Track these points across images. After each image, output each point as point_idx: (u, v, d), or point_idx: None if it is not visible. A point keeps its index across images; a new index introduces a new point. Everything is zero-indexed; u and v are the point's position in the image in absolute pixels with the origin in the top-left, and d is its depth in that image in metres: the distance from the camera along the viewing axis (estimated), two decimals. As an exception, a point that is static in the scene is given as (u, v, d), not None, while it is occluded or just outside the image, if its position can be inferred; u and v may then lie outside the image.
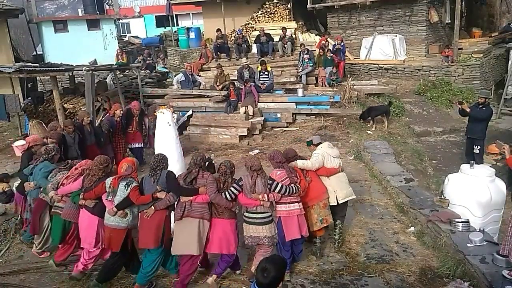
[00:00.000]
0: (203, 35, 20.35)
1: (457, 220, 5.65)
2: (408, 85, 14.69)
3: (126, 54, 18.21)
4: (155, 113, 8.17)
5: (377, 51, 15.89)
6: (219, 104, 12.20)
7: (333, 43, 14.70)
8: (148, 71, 15.34)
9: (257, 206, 4.87)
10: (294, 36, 15.72)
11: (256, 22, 18.64)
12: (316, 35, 16.83)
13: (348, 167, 8.37)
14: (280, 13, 18.49)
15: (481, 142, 9.28)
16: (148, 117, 9.45)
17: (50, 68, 10.12)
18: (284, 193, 4.94)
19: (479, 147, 9.22)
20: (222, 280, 5.17)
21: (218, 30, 15.96)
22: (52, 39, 20.58)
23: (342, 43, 14.46)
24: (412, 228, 6.23)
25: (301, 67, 13.72)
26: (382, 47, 15.78)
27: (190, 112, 12.25)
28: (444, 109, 13.45)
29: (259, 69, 12.73)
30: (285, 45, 14.59)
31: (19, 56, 18.22)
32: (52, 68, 10.10)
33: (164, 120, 7.51)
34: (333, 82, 13.12)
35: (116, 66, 12.99)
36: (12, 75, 10.66)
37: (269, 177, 5.00)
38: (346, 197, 5.70)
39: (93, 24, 21.44)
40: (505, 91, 14.03)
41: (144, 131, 9.35)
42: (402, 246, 5.85)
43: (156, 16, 30.13)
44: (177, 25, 26.99)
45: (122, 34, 27.77)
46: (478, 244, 5.13)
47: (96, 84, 11.55)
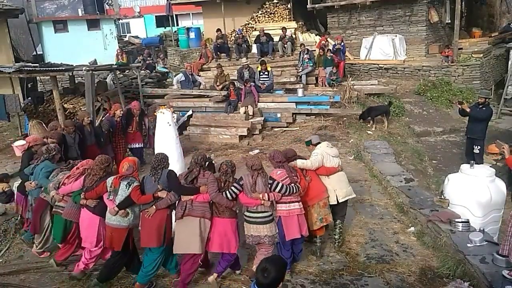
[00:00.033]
0: (203, 35, 20.35)
1: (457, 220, 5.65)
2: (408, 85, 14.69)
3: (126, 54, 18.21)
4: (155, 113, 8.17)
5: (377, 51, 15.89)
6: (219, 104, 12.20)
7: (333, 43, 14.71)
8: (148, 71, 15.34)
9: (258, 206, 4.88)
10: (294, 36, 15.72)
11: (256, 22, 18.64)
12: (316, 35, 16.83)
13: (348, 167, 8.37)
14: (280, 13, 18.49)
15: (481, 142, 9.28)
16: (148, 117, 9.45)
17: (50, 68, 10.11)
18: (285, 193, 4.95)
19: (479, 147, 9.23)
20: (222, 280, 5.17)
21: (218, 30, 15.96)
22: (52, 39, 20.59)
23: (342, 43, 14.47)
24: (412, 228, 6.23)
25: (301, 67, 13.72)
26: (382, 47, 15.79)
27: (190, 112, 12.25)
28: (444, 109, 13.45)
29: (259, 69, 12.73)
30: (285, 45, 14.59)
31: (19, 56, 18.21)
32: (52, 68, 10.09)
33: (164, 120, 7.51)
34: (333, 82, 13.12)
35: (116, 66, 12.98)
36: (12, 75, 10.65)
37: (270, 177, 5.01)
38: (346, 196, 5.71)
39: (93, 24, 21.44)
40: (505, 91, 14.04)
41: (144, 131, 9.35)
42: (402, 246, 5.85)
43: (156, 16, 30.13)
44: (177, 25, 26.99)
45: (122, 34, 27.76)
46: (478, 244, 5.13)
47: (96, 84, 11.54)
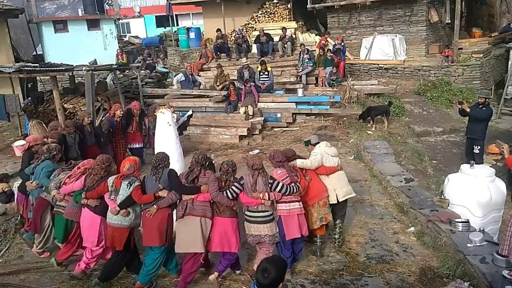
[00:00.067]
0: (203, 35, 20.34)
1: (457, 220, 5.65)
2: (408, 85, 14.69)
3: (126, 54, 18.22)
4: (155, 113, 8.17)
5: (377, 51, 15.89)
6: (219, 104, 12.20)
7: (333, 43, 14.72)
8: (148, 71, 15.34)
9: (258, 205, 4.89)
10: (294, 36, 15.71)
11: (256, 22, 18.63)
12: (316, 35, 16.83)
13: (348, 167, 8.37)
14: (280, 13, 18.49)
15: (481, 142, 9.27)
16: (148, 117, 9.45)
17: (50, 68, 10.10)
18: (285, 192, 4.96)
19: (479, 147, 9.22)
20: (222, 280, 5.17)
21: (218, 30, 15.96)
22: (52, 39, 20.59)
23: (343, 43, 14.47)
24: (412, 228, 6.23)
25: (301, 67, 13.72)
26: (382, 47, 15.79)
27: (190, 112, 12.25)
28: (444, 109, 13.45)
29: (259, 69, 12.73)
30: (285, 45, 14.59)
31: (19, 56, 18.21)
32: (52, 68, 10.09)
33: (164, 120, 7.51)
34: (333, 82, 13.12)
35: (116, 66, 12.98)
36: (12, 75, 10.65)
37: (270, 176, 5.01)
38: (346, 195, 5.71)
39: (93, 24, 21.45)
40: (505, 91, 14.04)
41: (144, 131, 9.35)
42: (402, 246, 5.85)
43: (156, 16, 30.13)
44: (177, 25, 26.98)
45: (122, 34, 27.76)
46: (478, 244, 5.13)
47: (96, 84, 11.54)
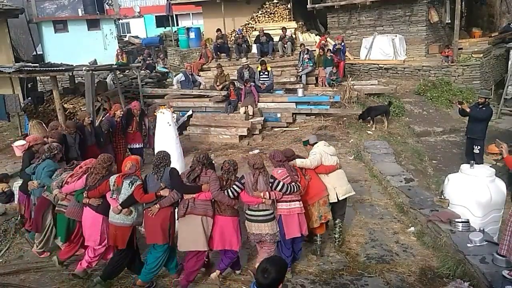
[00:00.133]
0: (203, 35, 20.35)
1: (457, 220, 5.66)
2: (408, 85, 14.69)
3: (126, 54, 18.22)
4: (155, 113, 8.16)
5: (377, 51, 15.89)
6: (219, 104, 12.20)
7: (333, 43, 14.71)
8: (148, 71, 15.34)
9: (259, 204, 4.90)
10: (294, 36, 15.71)
11: (256, 22, 18.64)
12: (316, 35, 16.83)
13: (348, 167, 8.37)
14: (280, 13, 18.49)
15: (481, 142, 9.27)
16: (148, 117, 9.44)
17: (50, 68, 10.10)
18: (285, 192, 4.97)
19: (479, 147, 9.22)
20: (222, 280, 5.17)
21: (218, 30, 15.96)
22: (52, 39, 20.58)
23: (343, 43, 14.47)
24: (412, 228, 6.23)
25: (301, 67, 13.72)
26: (382, 47, 15.78)
27: (190, 112, 12.25)
28: (444, 109, 13.45)
29: (259, 69, 12.73)
30: (285, 45, 14.58)
31: (19, 56, 18.21)
32: (52, 68, 10.08)
33: (164, 120, 7.51)
34: (333, 82, 13.12)
35: (116, 66, 12.98)
36: (12, 75, 10.65)
37: (271, 176, 5.03)
38: (346, 194, 5.72)
39: (93, 24, 21.44)
40: (505, 91, 14.04)
41: (144, 131, 9.34)
42: (402, 246, 5.85)
43: (156, 16, 30.13)
44: (177, 25, 26.98)
45: (122, 34, 27.76)
46: (478, 244, 5.13)
47: (96, 84, 11.54)
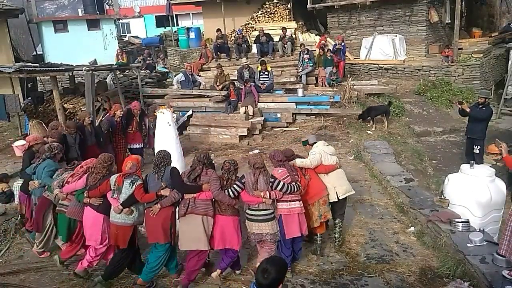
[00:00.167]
0: (203, 35, 20.35)
1: (457, 220, 5.65)
2: (408, 85, 14.69)
3: (126, 54, 18.21)
4: (155, 113, 8.18)
5: (377, 51, 15.89)
6: (219, 104, 12.20)
7: (333, 43, 14.71)
8: (148, 71, 15.33)
9: (259, 204, 4.91)
10: (294, 36, 15.71)
11: (256, 22, 18.64)
12: (316, 35, 16.83)
13: (348, 167, 8.37)
14: (280, 13, 18.49)
15: (481, 142, 9.27)
16: (148, 117, 9.45)
17: (50, 68, 10.10)
18: (286, 191, 4.97)
19: (479, 147, 9.22)
20: (223, 280, 5.16)
21: (218, 30, 15.96)
22: (52, 39, 20.59)
23: (343, 43, 14.47)
24: (412, 228, 6.23)
25: (301, 67, 13.72)
26: (382, 47, 15.79)
27: (190, 112, 12.25)
28: (444, 109, 13.45)
29: (259, 69, 12.72)
30: (285, 45, 14.58)
31: (19, 56, 18.21)
32: (52, 68, 10.08)
33: (164, 120, 7.52)
34: (333, 82, 13.12)
35: (116, 66, 12.97)
36: (12, 75, 10.64)
37: (271, 175, 5.03)
38: (346, 193, 5.72)
39: (93, 24, 21.45)
40: (505, 91, 14.04)
41: (144, 131, 9.35)
42: (402, 246, 5.85)
43: (156, 16, 30.12)
44: (177, 25, 26.98)
45: (122, 34, 27.75)
46: (478, 244, 5.13)
47: (96, 84, 11.53)
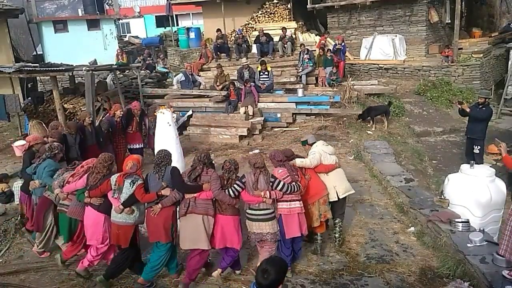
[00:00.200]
0: (203, 35, 20.35)
1: (457, 220, 5.65)
2: (408, 85, 14.70)
3: (126, 54, 18.22)
4: (155, 113, 8.17)
5: (377, 51, 15.90)
6: (219, 104, 12.19)
7: (333, 43, 14.71)
8: (148, 71, 15.33)
9: (260, 203, 4.91)
10: (294, 36, 15.71)
11: (256, 22, 18.64)
12: (316, 35, 16.83)
13: (348, 167, 8.37)
14: (280, 13, 18.49)
15: (481, 142, 9.27)
16: (148, 117, 9.45)
17: (50, 68, 10.09)
18: (286, 191, 4.98)
19: (479, 147, 9.22)
20: (223, 280, 5.16)
21: (218, 30, 15.96)
22: (52, 39, 20.59)
23: (343, 43, 14.47)
24: (412, 228, 6.23)
25: (301, 67, 13.71)
26: (382, 47, 15.79)
27: (190, 112, 12.24)
28: (444, 109, 13.45)
29: (259, 69, 12.72)
30: (285, 45, 14.58)
31: (19, 56, 18.20)
32: (52, 68, 10.08)
33: (164, 120, 7.52)
34: (333, 82, 13.12)
35: (116, 66, 12.96)
36: (12, 75, 10.63)
37: (272, 175, 5.04)
38: (346, 192, 5.72)
39: (93, 24, 21.45)
40: (505, 91, 14.05)
41: (144, 131, 9.34)
42: (402, 246, 5.85)
43: (156, 16, 30.12)
44: (177, 25, 26.98)
45: (122, 34, 27.75)
46: (478, 244, 5.13)
47: (96, 84, 11.53)
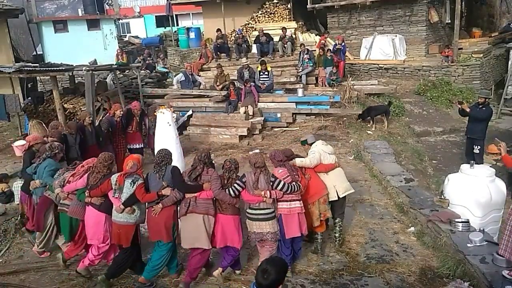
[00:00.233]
0: (203, 35, 20.35)
1: (457, 220, 5.66)
2: (408, 85, 14.70)
3: (126, 54, 18.22)
4: (155, 113, 8.17)
5: (377, 51, 15.90)
6: (219, 104, 12.19)
7: (333, 43, 14.72)
8: (148, 71, 15.33)
9: (260, 203, 4.92)
10: (294, 36, 15.71)
11: (256, 22, 18.64)
12: (316, 35, 16.83)
13: (348, 167, 8.37)
14: (280, 13, 18.49)
15: (481, 142, 9.27)
16: (148, 117, 9.45)
17: (50, 68, 10.09)
18: (286, 191, 4.98)
19: (479, 147, 9.22)
20: (223, 280, 5.16)
21: (218, 30, 15.96)
22: (52, 39, 20.59)
23: (343, 43, 14.47)
24: (412, 228, 6.23)
25: (301, 67, 13.72)
26: (382, 47, 15.79)
27: (190, 112, 12.25)
28: (444, 109, 13.45)
29: (259, 69, 12.72)
30: (285, 45, 14.58)
31: (19, 56, 18.20)
32: (52, 68, 10.08)
33: (164, 120, 7.52)
34: (333, 82, 13.12)
35: (116, 66, 12.96)
36: (12, 75, 10.63)
37: (272, 175, 5.04)
38: (346, 191, 5.73)
39: (93, 24, 21.45)
40: (505, 91, 14.05)
41: (144, 131, 9.35)
42: (402, 246, 5.85)
43: (156, 16, 30.12)
44: (177, 25, 26.98)
45: (122, 34, 27.75)
46: (478, 244, 5.13)
47: (96, 84, 11.53)
